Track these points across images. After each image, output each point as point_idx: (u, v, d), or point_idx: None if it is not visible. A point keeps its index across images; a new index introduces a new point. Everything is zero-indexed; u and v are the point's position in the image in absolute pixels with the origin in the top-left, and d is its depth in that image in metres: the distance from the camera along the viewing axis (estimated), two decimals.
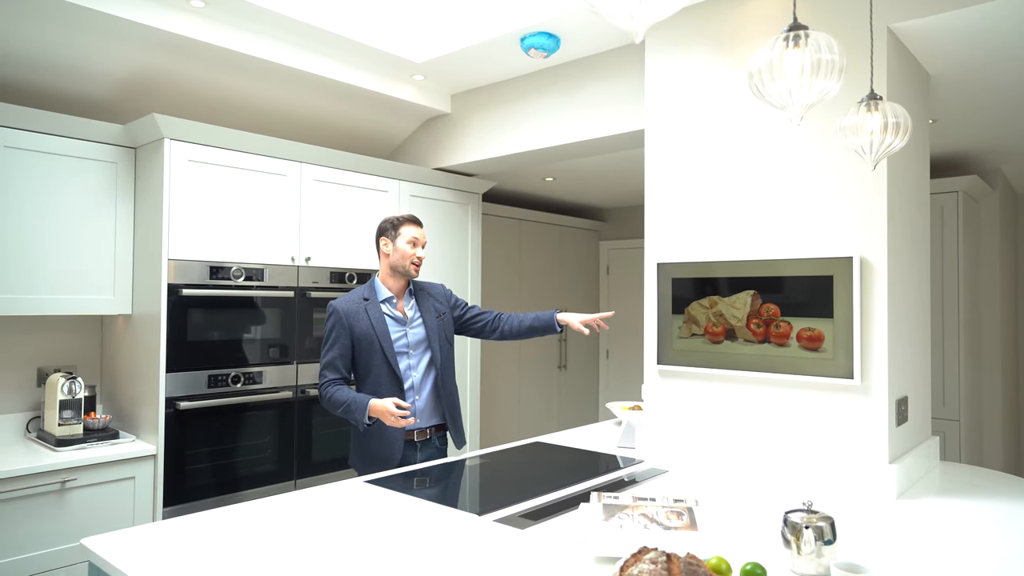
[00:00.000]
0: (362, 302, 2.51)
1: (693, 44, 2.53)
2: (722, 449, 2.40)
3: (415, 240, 2.51)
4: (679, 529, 1.60)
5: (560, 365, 5.75)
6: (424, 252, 2.55)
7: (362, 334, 2.47)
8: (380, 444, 2.45)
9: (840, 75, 1.41)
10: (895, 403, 2.16)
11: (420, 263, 2.53)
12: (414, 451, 2.50)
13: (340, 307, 2.49)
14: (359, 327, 2.47)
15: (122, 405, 3.01)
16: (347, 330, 2.47)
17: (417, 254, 2.52)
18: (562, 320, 2.65)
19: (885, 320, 2.11)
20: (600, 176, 4.69)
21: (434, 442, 2.56)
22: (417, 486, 2.11)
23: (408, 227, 2.53)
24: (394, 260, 2.52)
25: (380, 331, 2.47)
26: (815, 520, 1.51)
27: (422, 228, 2.57)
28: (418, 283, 2.65)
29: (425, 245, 2.56)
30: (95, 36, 2.69)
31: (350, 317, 2.47)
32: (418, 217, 2.64)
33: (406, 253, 2.50)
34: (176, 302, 2.80)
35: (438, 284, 2.71)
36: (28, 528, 2.44)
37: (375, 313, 2.49)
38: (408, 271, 2.52)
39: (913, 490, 2.15)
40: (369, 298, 2.52)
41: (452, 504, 1.93)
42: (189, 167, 2.85)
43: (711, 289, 2.46)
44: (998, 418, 4.23)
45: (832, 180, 2.21)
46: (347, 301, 2.51)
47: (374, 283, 2.56)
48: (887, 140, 1.86)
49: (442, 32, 3.05)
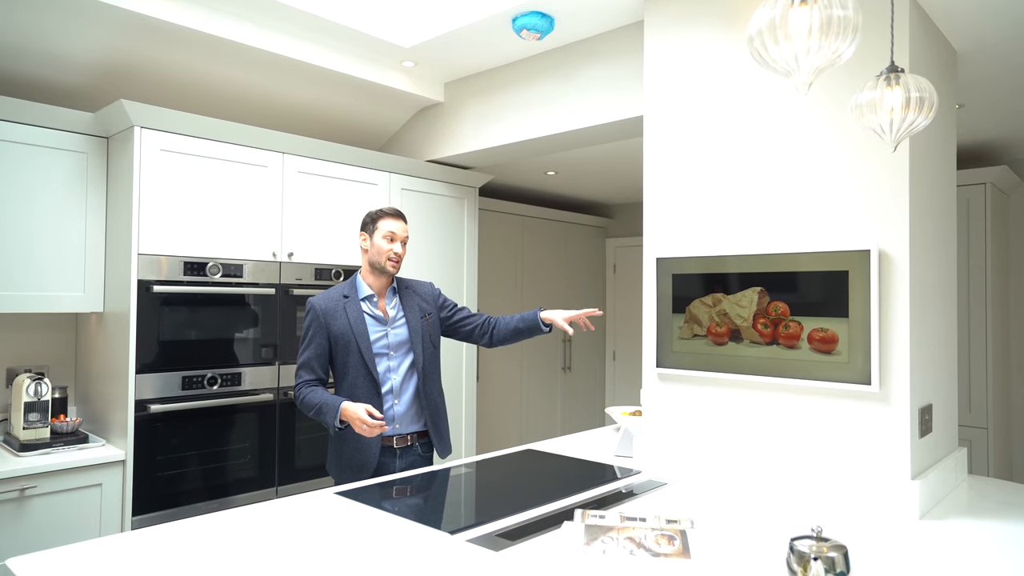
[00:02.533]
0: (341, 299, 2.36)
1: (695, 22, 2.33)
2: (725, 460, 2.20)
3: (392, 235, 2.35)
4: (669, 556, 1.41)
5: (564, 366, 5.55)
6: (402, 248, 2.38)
7: (339, 333, 2.32)
8: (355, 449, 2.30)
9: (855, 35, 1.22)
10: (918, 412, 1.95)
11: (398, 259, 2.37)
12: (393, 458, 2.34)
13: (318, 304, 2.34)
14: (336, 326, 2.32)
15: (94, 408, 2.87)
16: (324, 328, 2.32)
17: (394, 250, 2.35)
18: (546, 318, 2.46)
19: (907, 319, 1.91)
20: (604, 170, 4.50)
21: (416, 449, 2.39)
22: (390, 499, 1.93)
23: (386, 221, 2.37)
24: (371, 256, 2.37)
25: (358, 330, 2.32)
26: (825, 549, 1.31)
27: (403, 222, 2.40)
28: (403, 280, 2.49)
29: (406, 240, 2.40)
30: (64, 19, 2.54)
31: (327, 315, 2.33)
32: (400, 210, 2.45)
33: (382, 249, 2.35)
34: (147, 299, 2.65)
35: (426, 282, 2.55)
36: None
37: (354, 311, 2.34)
38: (385, 268, 2.36)
39: (938, 509, 1.94)
40: (349, 295, 2.37)
41: (424, 520, 1.75)
42: (161, 157, 2.70)
43: (715, 286, 2.26)
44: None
45: (847, 165, 2.01)
46: (326, 298, 2.36)
47: (355, 280, 2.42)
48: (909, 118, 1.65)
49: (431, 15, 2.88)
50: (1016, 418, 4.01)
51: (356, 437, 2.29)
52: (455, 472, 2.26)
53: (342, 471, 2.32)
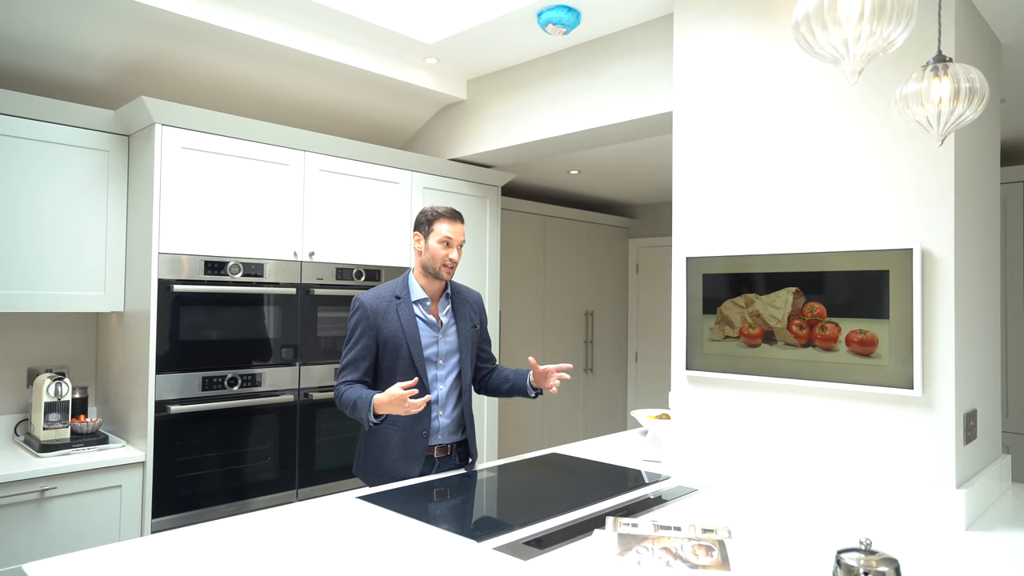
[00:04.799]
0: (393, 300, 2.23)
1: (726, 15, 2.26)
2: (758, 467, 2.13)
3: (448, 240, 2.21)
4: (708, 568, 1.35)
5: (586, 368, 5.48)
6: (458, 253, 2.24)
7: (390, 336, 2.19)
8: (401, 458, 2.18)
9: (910, 19, 1.14)
10: (963, 417, 1.86)
11: (453, 266, 2.23)
12: (432, 468, 2.25)
13: (368, 303, 2.21)
14: (388, 328, 2.20)
15: (115, 408, 2.86)
16: (374, 329, 2.19)
17: (451, 256, 2.21)
18: (534, 383, 2.31)
19: (951, 321, 1.82)
20: (627, 170, 4.42)
21: (454, 459, 2.30)
22: (413, 504, 1.88)
23: (443, 224, 2.22)
24: (425, 260, 2.24)
25: (410, 335, 2.20)
26: (875, 563, 1.24)
27: (460, 224, 2.26)
28: (457, 286, 2.37)
29: (463, 244, 2.26)
30: (84, 15, 2.53)
31: (378, 316, 2.20)
32: (457, 211, 2.26)
33: (438, 254, 2.21)
34: (167, 298, 2.62)
35: (475, 291, 2.43)
36: (1, 541, 2.27)
37: (406, 314, 2.22)
38: (439, 274, 2.23)
39: (984, 519, 1.85)
40: (401, 296, 2.24)
41: (449, 527, 1.70)
42: (182, 155, 2.68)
43: (747, 286, 2.18)
44: None
45: (888, 161, 1.92)
46: (376, 297, 2.23)
47: (408, 280, 2.29)
48: (958, 110, 1.57)
49: (454, 11, 2.83)
50: None
51: (404, 445, 2.18)
52: (480, 477, 2.21)
53: (380, 477, 2.20)
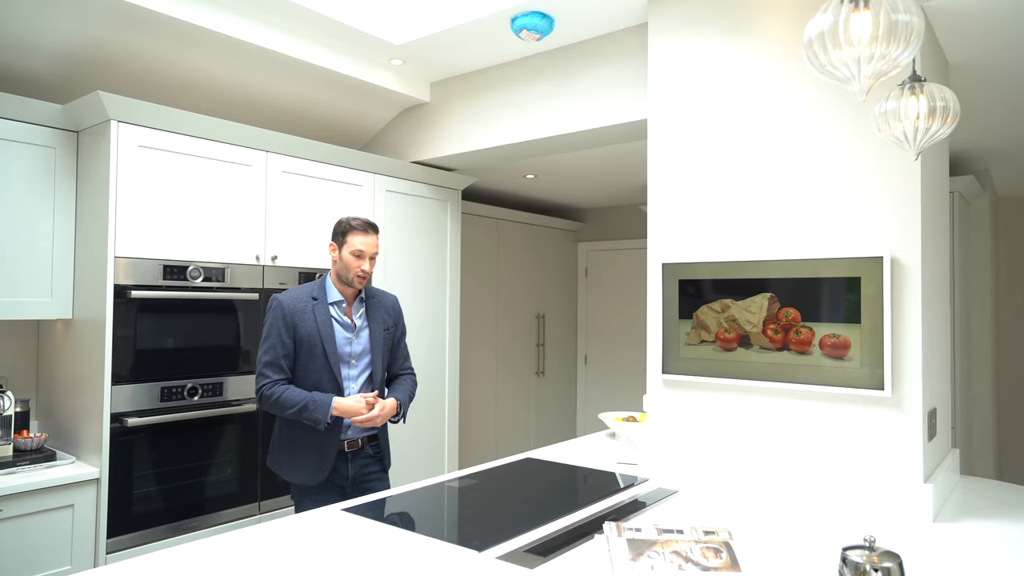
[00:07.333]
0: (310, 301, 2.28)
1: (701, 26, 2.33)
2: (736, 467, 2.20)
3: (360, 252, 2.26)
4: (720, 570, 1.38)
5: (538, 371, 5.51)
6: (370, 264, 2.29)
7: (306, 335, 2.24)
8: (314, 453, 2.24)
9: (917, 41, 1.21)
10: (927, 415, 1.98)
11: (365, 276, 2.29)
12: (345, 462, 2.30)
13: (285, 302, 2.26)
14: (304, 327, 2.25)
15: (61, 422, 2.67)
16: (291, 328, 2.25)
17: (363, 267, 2.27)
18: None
19: (919, 326, 1.93)
20: (582, 175, 4.48)
21: (367, 451, 2.35)
22: (401, 515, 1.85)
23: (356, 236, 2.26)
24: (339, 269, 2.30)
25: (325, 334, 2.26)
26: (879, 559, 1.30)
27: (373, 236, 2.30)
28: (371, 290, 2.43)
29: (375, 255, 2.30)
30: (34, 3, 2.36)
31: (295, 315, 2.25)
32: (371, 223, 2.31)
33: (351, 264, 2.27)
34: (124, 305, 2.48)
35: (391, 295, 2.49)
36: None
37: (322, 315, 2.27)
38: (352, 283, 2.30)
39: (946, 511, 1.98)
40: (318, 298, 2.30)
41: (446, 538, 1.67)
42: (140, 153, 2.54)
43: (723, 292, 2.25)
44: (989, 420, 4.13)
45: (859, 173, 2.03)
46: (293, 297, 2.28)
47: (325, 283, 2.35)
48: (933, 127, 1.68)
49: (424, 12, 2.79)
50: (977, 414, 4.17)
51: (318, 443, 2.24)
52: (460, 484, 2.19)
53: (294, 469, 2.25)
